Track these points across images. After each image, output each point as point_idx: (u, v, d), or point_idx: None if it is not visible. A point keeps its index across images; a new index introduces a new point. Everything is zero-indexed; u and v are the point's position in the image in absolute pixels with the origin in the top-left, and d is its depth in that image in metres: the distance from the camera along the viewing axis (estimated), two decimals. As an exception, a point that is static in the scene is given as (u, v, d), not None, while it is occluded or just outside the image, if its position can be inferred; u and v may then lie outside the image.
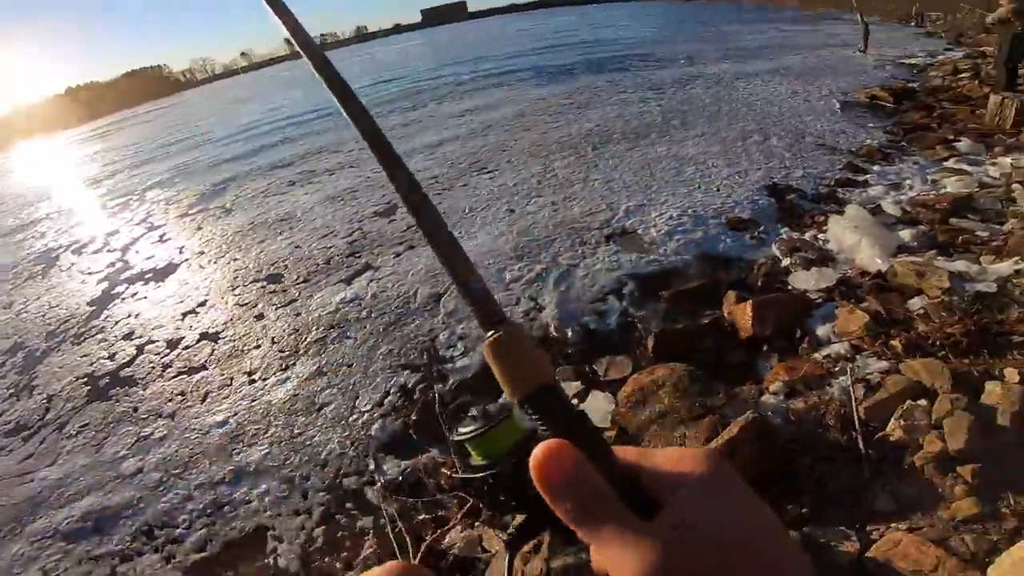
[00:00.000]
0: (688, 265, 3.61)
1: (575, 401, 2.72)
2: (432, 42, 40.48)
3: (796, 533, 1.81)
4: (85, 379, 3.72)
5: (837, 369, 2.38)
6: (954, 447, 1.90)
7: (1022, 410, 1.91)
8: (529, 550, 1.75)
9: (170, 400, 3.33)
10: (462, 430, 0.32)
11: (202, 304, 4.38)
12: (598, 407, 2.64)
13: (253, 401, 3.18)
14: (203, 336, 3.93)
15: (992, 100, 5.58)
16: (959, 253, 3.02)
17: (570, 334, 3.20)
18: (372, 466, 2.58)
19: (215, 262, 5.15)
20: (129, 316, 4.46)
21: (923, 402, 2.08)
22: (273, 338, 3.71)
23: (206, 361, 3.63)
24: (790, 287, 3.11)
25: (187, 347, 3.83)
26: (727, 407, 2.33)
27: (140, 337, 4.08)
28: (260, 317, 4.01)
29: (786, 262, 3.35)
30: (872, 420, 2.12)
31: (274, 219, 5.98)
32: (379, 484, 2.46)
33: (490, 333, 0.30)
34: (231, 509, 2.51)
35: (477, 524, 2.16)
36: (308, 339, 3.61)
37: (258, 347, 3.66)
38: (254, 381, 3.35)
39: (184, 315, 4.25)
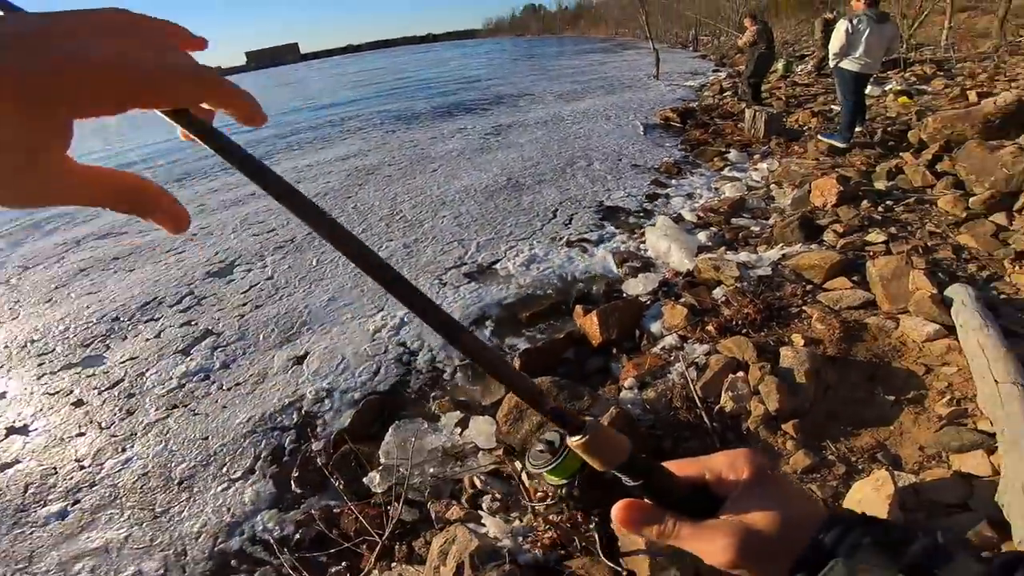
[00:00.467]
0: (540, 288, 3.90)
1: (458, 429, 2.79)
2: (260, 85, 37.73)
3: None
4: None
5: (672, 358, 2.76)
6: (772, 408, 2.27)
7: (811, 367, 2.40)
8: None
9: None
10: (537, 462, 0.40)
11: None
12: (480, 430, 2.72)
13: (93, 487, 2.71)
14: (9, 430, 3.25)
15: (747, 114, 6.92)
16: (741, 246, 3.72)
17: (447, 369, 3.26)
18: (261, 527, 2.37)
19: (6, 347, 4.24)
20: None
21: (741, 374, 2.49)
22: (101, 423, 3.18)
23: (18, 455, 3.02)
24: (625, 294, 3.53)
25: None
26: (594, 407, 2.56)
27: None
28: (79, 404, 3.41)
29: (619, 272, 3.81)
30: (708, 396, 2.47)
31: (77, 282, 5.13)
32: (274, 543, 2.25)
33: (577, 439, 0.37)
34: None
35: (393, 564, 2.10)
36: (147, 420, 3.18)
37: (82, 434, 3.12)
38: (84, 467, 2.85)
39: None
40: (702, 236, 3.93)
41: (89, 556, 2.35)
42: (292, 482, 2.62)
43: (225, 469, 2.74)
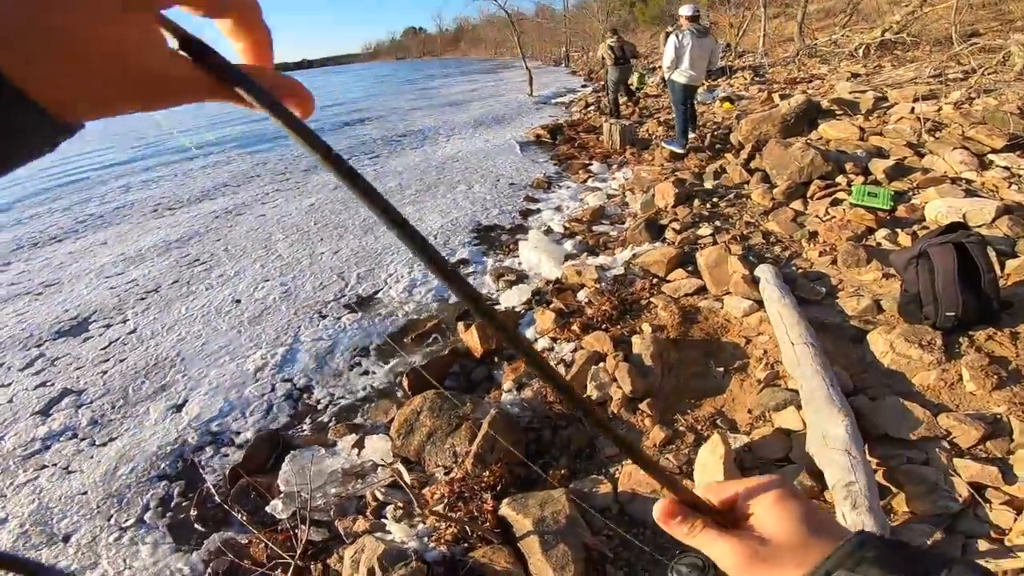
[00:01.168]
0: (423, 310, 4.00)
1: (355, 450, 2.80)
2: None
3: (564, 490, 2.15)
4: None
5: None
6: (627, 390, 2.55)
7: (655, 350, 2.72)
8: None
9: None
10: None
11: None
12: (376, 447, 2.77)
13: None
14: None
15: (605, 127, 7.54)
16: (602, 251, 4.10)
17: (335, 398, 3.24)
18: (168, 572, 2.25)
19: None
20: None
21: (601, 364, 2.77)
22: None
23: None
24: (503, 307, 3.74)
25: None
26: (476, 412, 2.69)
27: None
28: None
29: (496, 287, 4.02)
30: (577, 388, 2.74)
31: None
32: None
33: None
34: None
35: None
36: (14, 481, 2.83)
37: None
38: None
39: None
40: (568, 245, 4.27)
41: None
42: (193, 522, 2.52)
43: (113, 521, 2.54)
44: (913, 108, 5.25)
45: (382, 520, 2.32)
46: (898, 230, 3.42)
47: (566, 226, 4.72)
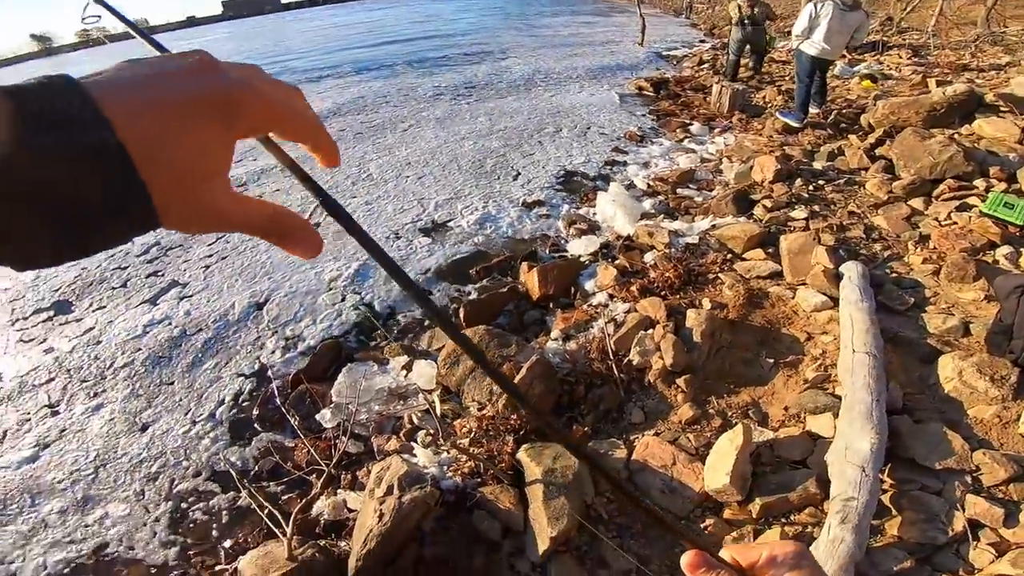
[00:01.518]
0: (492, 245, 4.09)
1: (404, 372, 3.02)
2: (239, 34, 35.73)
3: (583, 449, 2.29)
4: None
5: (597, 314, 2.99)
6: (669, 363, 2.51)
7: (707, 328, 2.65)
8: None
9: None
10: None
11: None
12: (422, 372, 2.96)
13: (63, 432, 2.90)
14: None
15: (714, 89, 6.98)
16: (682, 215, 3.93)
17: (397, 318, 3.47)
18: (222, 462, 2.62)
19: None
20: None
21: (650, 331, 2.75)
22: (70, 369, 3.34)
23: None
24: (568, 254, 3.73)
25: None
26: (519, 355, 2.79)
27: None
28: (50, 351, 3.55)
29: (566, 233, 4.00)
30: (620, 350, 2.71)
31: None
32: (234, 475, 2.49)
33: None
34: (76, 536, 2.35)
35: (339, 490, 2.35)
36: (115, 364, 3.34)
37: (52, 379, 3.28)
38: (57, 412, 3.03)
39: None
40: (647, 204, 4.12)
41: (57, 497, 2.54)
42: (253, 421, 2.85)
43: (189, 415, 2.93)
44: None
45: (412, 443, 2.50)
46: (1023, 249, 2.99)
47: (650, 184, 4.54)
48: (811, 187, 3.96)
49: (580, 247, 3.75)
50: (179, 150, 0.25)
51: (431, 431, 2.58)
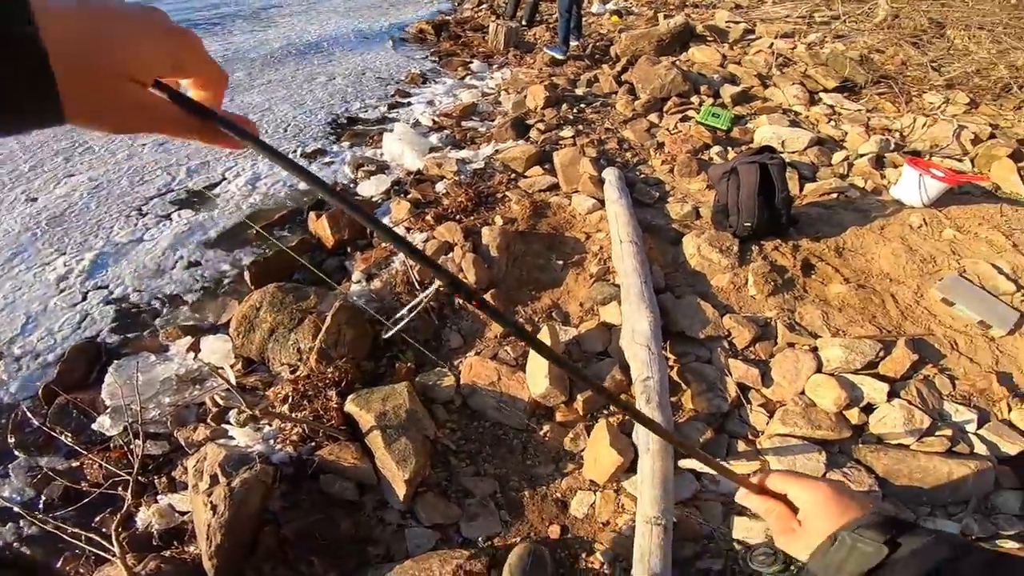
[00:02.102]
0: (273, 202, 3.66)
1: (190, 354, 2.59)
2: None
3: (406, 384, 2.14)
4: None
5: (395, 249, 2.92)
6: (473, 280, 2.57)
7: (502, 242, 2.75)
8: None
9: None
10: (764, 566, 0.63)
11: None
12: (215, 348, 2.58)
13: None
14: None
15: (491, 27, 7.15)
16: (467, 145, 4.00)
17: (165, 300, 2.92)
18: None
19: None
20: None
21: (451, 254, 2.77)
22: None
23: None
24: (359, 195, 3.54)
25: None
26: (321, 305, 2.59)
27: None
28: None
29: (354, 176, 3.78)
30: (424, 279, 2.70)
31: None
32: (22, 511, 1.96)
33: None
34: None
35: (159, 496, 2.00)
36: None
37: None
38: None
39: None
40: (434, 138, 4.09)
41: None
42: (13, 449, 2.23)
43: None
44: (772, 44, 5.61)
45: (224, 426, 2.21)
46: (729, 148, 3.74)
47: (435, 120, 4.50)
48: (575, 110, 4.36)
49: (371, 188, 3.58)
50: (99, 48, 0.30)
51: (242, 408, 2.29)
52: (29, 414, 2.33)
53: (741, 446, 2.03)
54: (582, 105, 4.47)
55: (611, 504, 1.91)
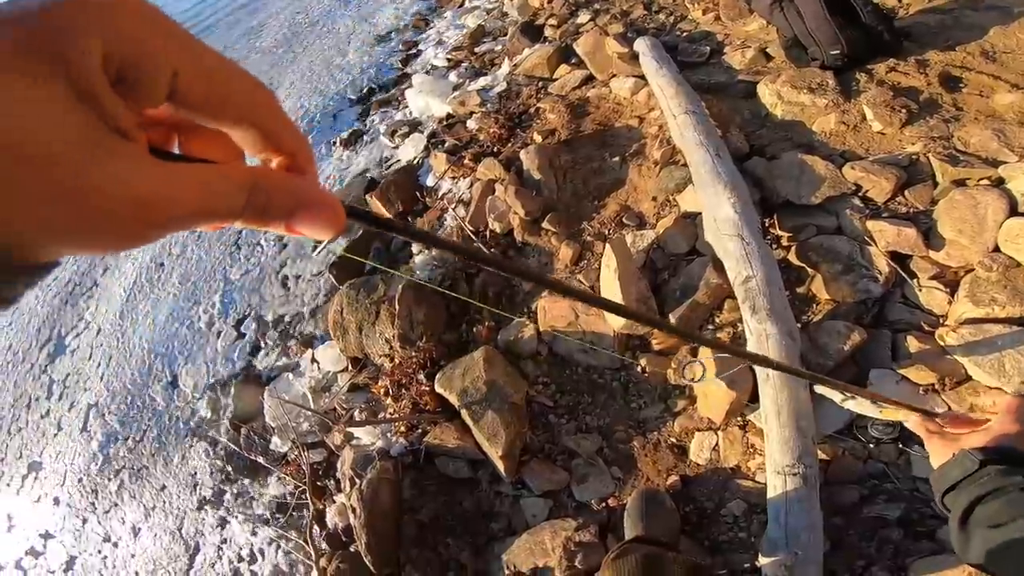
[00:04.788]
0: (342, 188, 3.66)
1: (313, 365, 2.74)
2: None
3: (483, 349, 2.00)
4: None
5: (446, 202, 2.77)
6: (523, 214, 2.33)
7: (542, 161, 2.48)
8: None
9: None
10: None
11: None
12: (328, 356, 2.69)
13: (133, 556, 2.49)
14: None
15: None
16: (489, 70, 3.64)
17: (285, 319, 3.12)
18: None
19: None
20: None
21: (496, 193, 2.55)
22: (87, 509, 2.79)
23: None
24: (402, 161, 3.40)
25: None
26: (389, 291, 2.49)
27: None
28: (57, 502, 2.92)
29: (392, 144, 3.62)
30: (478, 226, 2.51)
31: None
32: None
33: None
34: None
35: (334, 496, 2.14)
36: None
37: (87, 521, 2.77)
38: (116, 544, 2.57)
39: None
40: (453, 77, 3.77)
41: None
42: (234, 476, 2.59)
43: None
44: None
45: (350, 429, 2.28)
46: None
47: (449, 58, 4.15)
48: (587, -11, 3.76)
49: (410, 150, 3.41)
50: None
51: (363, 406, 2.38)
52: (233, 445, 2.66)
53: (913, 344, 1.42)
54: (593, -20, 3.84)
55: (738, 445, 1.57)
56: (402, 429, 2.07)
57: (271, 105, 0.21)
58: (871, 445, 1.37)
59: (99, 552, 2.68)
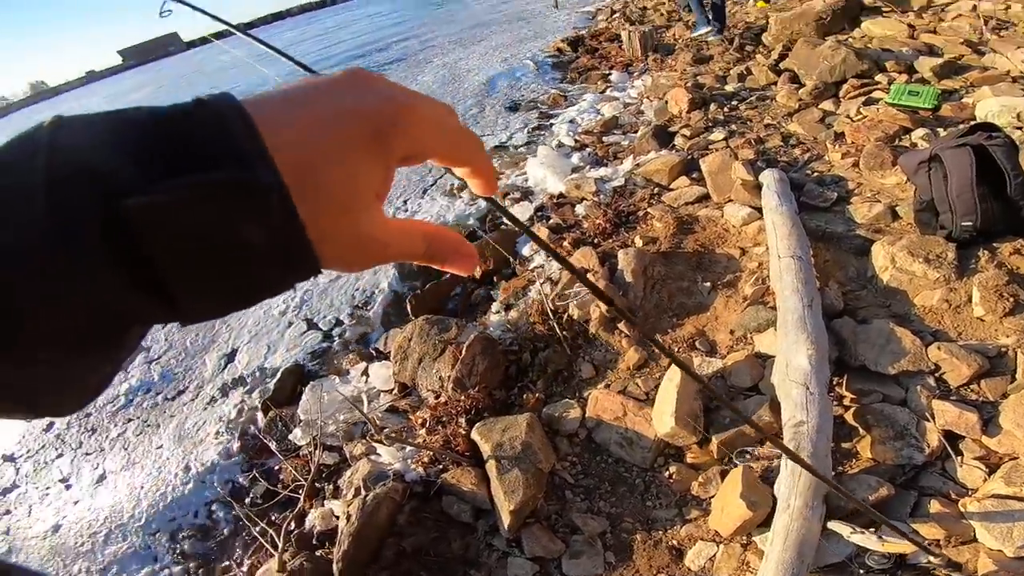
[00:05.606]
0: (457, 220, 3.91)
1: (363, 378, 2.86)
2: (168, 81, 31.54)
3: (528, 415, 2.06)
4: None
5: (535, 277, 2.83)
6: (605, 309, 2.32)
7: (638, 265, 2.49)
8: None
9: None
10: None
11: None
12: (378, 374, 2.81)
13: (77, 503, 2.75)
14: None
15: (624, 35, 6.76)
16: (610, 162, 3.76)
17: (353, 329, 3.31)
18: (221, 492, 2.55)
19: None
20: None
21: (590, 280, 2.59)
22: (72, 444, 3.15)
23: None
24: (505, 225, 3.55)
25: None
26: (460, 336, 2.61)
27: None
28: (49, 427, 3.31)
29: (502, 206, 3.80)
30: (559, 308, 2.56)
31: None
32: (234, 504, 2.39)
33: None
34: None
35: (325, 500, 2.23)
36: (110, 435, 3.13)
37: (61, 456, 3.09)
38: (70, 487, 2.87)
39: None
40: (575, 158, 3.94)
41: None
42: (238, 452, 2.77)
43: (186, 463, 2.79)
44: (975, 6, 4.33)
45: (375, 444, 2.35)
46: (940, 130, 2.90)
47: (577, 139, 4.35)
48: (726, 109, 3.83)
49: (516, 215, 3.56)
50: (335, 179, 0.22)
51: (394, 428, 2.44)
52: (251, 425, 2.80)
53: (934, 506, 1.51)
54: (734, 102, 3.91)
55: (734, 560, 1.60)
56: (424, 460, 2.13)
57: (479, 152, 0.29)
58: (862, 572, 1.41)
59: (45, 489, 2.85)
